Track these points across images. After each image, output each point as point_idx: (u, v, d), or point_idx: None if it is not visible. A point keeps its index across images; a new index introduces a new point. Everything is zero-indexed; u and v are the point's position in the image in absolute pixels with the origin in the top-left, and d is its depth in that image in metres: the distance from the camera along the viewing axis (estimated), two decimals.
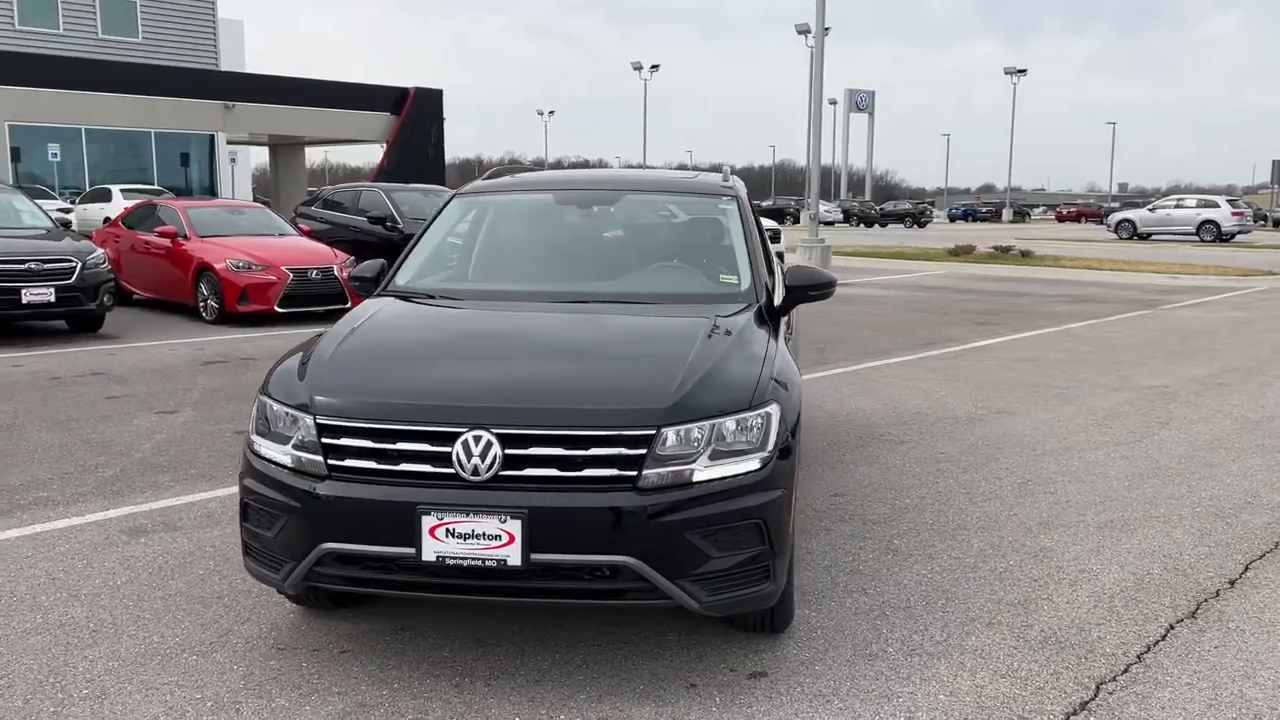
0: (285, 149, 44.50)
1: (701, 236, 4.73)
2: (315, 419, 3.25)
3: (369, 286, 4.49)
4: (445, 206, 5.00)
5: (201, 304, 12.91)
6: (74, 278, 10.94)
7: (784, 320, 4.78)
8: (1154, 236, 41.80)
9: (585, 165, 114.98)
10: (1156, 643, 3.76)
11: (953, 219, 78.10)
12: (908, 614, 4.00)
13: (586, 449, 3.12)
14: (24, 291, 10.58)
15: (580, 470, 3.12)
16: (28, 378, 8.90)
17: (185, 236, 13.34)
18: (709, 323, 3.80)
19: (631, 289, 4.29)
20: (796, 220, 60.14)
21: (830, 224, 61.85)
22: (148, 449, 6.43)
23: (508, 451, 3.11)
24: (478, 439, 3.11)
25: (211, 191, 34.47)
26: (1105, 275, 21.93)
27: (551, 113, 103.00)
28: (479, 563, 3.07)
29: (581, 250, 4.72)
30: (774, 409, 3.37)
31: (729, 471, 3.22)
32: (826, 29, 22.81)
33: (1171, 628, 3.89)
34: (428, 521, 3.07)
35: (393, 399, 3.25)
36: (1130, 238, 42.03)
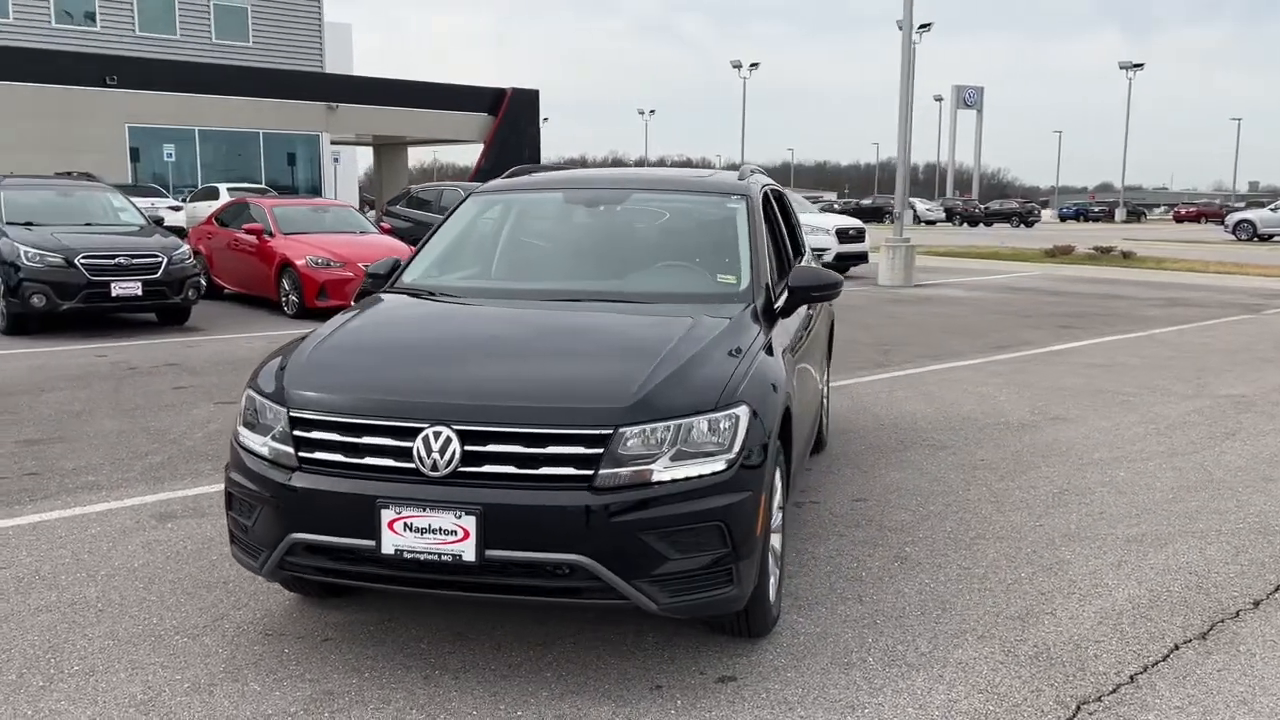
0: (388, 149, 45.65)
1: (705, 236, 4.70)
2: (289, 412, 3.34)
3: (379, 283, 4.59)
4: (461, 204, 5.08)
5: (283, 299, 13.36)
6: (160, 272, 11.43)
7: (800, 319, 4.73)
8: (1276, 238, 39.78)
9: (688, 164, 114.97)
10: (1156, 663, 3.59)
11: (1063, 218, 75.69)
12: (899, 624, 3.90)
13: (544, 447, 3.13)
14: (113, 285, 11.11)
15: (537, 469, 3.13)
16: (108, 367, 9.34)
17: (270, 234, 13.82)
18: (692, 322, 3.78)
19: (627, 288, 4.29)
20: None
21: (932, 223, 60.59)
22: (199, 438, 6.69)
23: (467, 448, 3.14)
24: (438, 435, 3.15)
25: (315, 190, 35.57)
26: (1209, 278, 20.97)
27: (652, 112, 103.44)
28: (435, 557, 3.11)
29: (583, 249, 4.74)
30: (743, 411, 3.33)
31: (690, 473, 3.19)
32: (926, 25, 22.32)
33: (1176, 648, 3.71)
34: (387, 515, 3.13)
35: (359, 394, 3.32)
36: (1250, 239, 40.09)
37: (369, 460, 3.22)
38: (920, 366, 9.88)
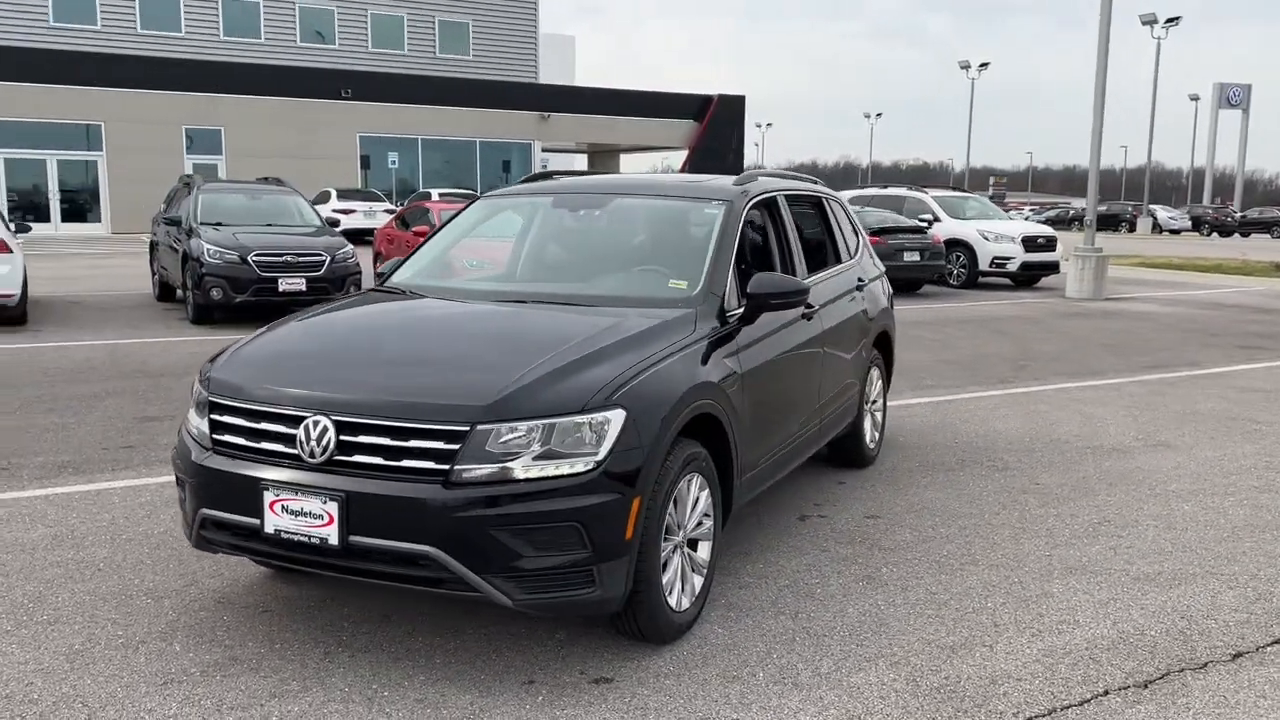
0: (602, 156, 47.11)
1: (678, 241, 4.68)
2: (209, 396, 3.65)
3: (378, 280, 4.88)
4: (468, 207, 5.29)
5: None
6: (323, 270, 12.39)
7: (785, 330, 4.64)
8: None
9: (925, 169, 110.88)
10: (1065, 708, 3.31)
11: None
12: (816, 643, 3.78)
13: (407, 441, 3.28)
14: (280, 280, 12.14)
15: (400, 461, 3.28)
16: None
17: None
18: (610, 325, 3.81)
19: (579, 291, 4.36)
20: (1132, 228, 55.11)
21: (1176, 233, 56.05)
22: None
23: (341, 438, 3.34)
24: (317, 424, 3.36)
25: None
26: None
27: (879, 115, 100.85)
28: (306, 539, 3.32)
29: (553, 252, 4.83)
30: (616, 415, 3.35)
31: (548, 473, 3.25)
32: (1174, 19, 20.71)
33: (1105, 694, 3.41)
34: (268, 497, 3.37)
35: (260, 383, 3.58)
36: None
37: (263, 445, 3.47)
38: (1047, 384, 9.29)
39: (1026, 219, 32.41)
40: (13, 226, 13.31)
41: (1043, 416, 7.82)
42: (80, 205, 32.49)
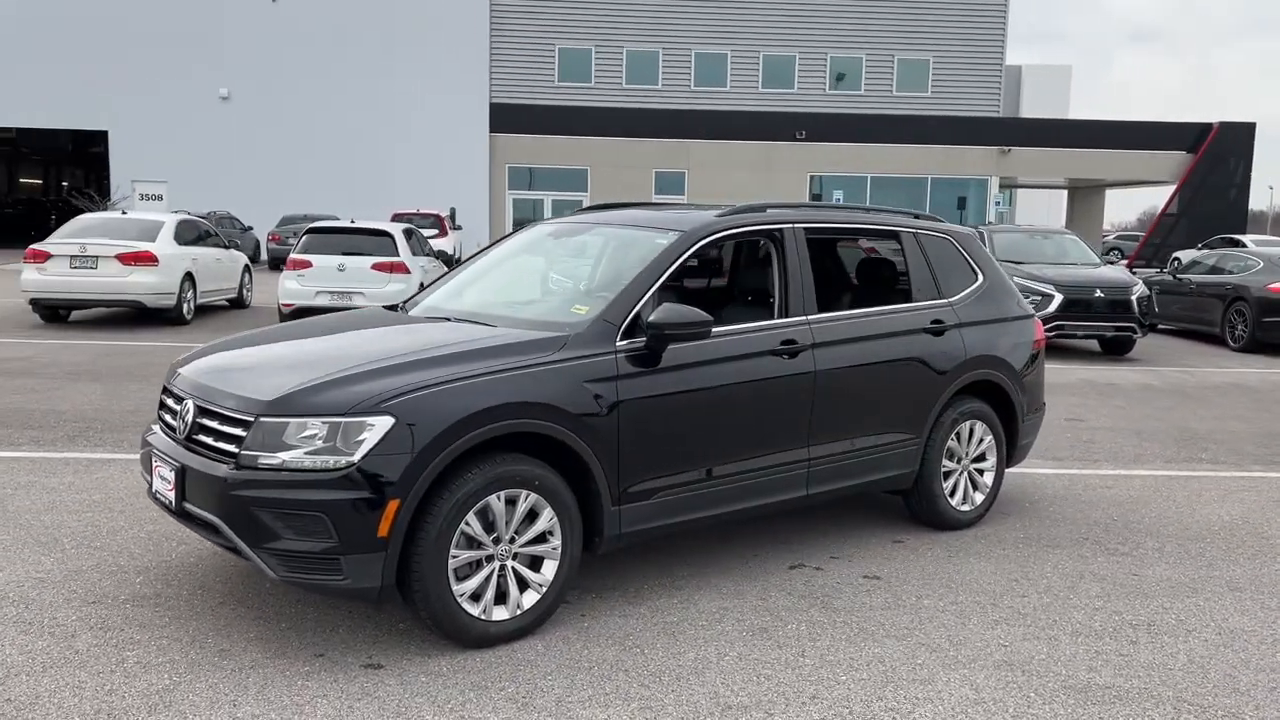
0: (1082, 191, 43.67)
1: (613, 269, 4.68)
2: (164, 382, 4.52)
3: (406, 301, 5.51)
4: (514, 233, 5.70)
5: None
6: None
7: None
8: None
9: None
10: None
11: None
12: (609, 674, 3.70)
13: (224, 426, 3.86)
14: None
15: (218, 443, 3.87)
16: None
17: None
18: (464, 340, 4.14)
19: (496, 311, 4.66)
20: None
21: None
22: None
23: (197, 420, 4.00)
24: (187, 407, 4.06)
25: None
26: None
27: None
28: (164, 500, 4.03)
29: (504, 276, 5.08)
30: (383, 420, 3.65)
31: (307, 464, 3.64)
32: None
33: None
34: (154, 462, 4.13)
35: (186, 375, 4.31)
36: None
37: (165, 419, 4.26)
38: None
39: None
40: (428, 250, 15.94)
41: (1250, 504, 6.33)
42: None
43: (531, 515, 3.99)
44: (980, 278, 5.82)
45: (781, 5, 37.11)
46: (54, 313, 14.09)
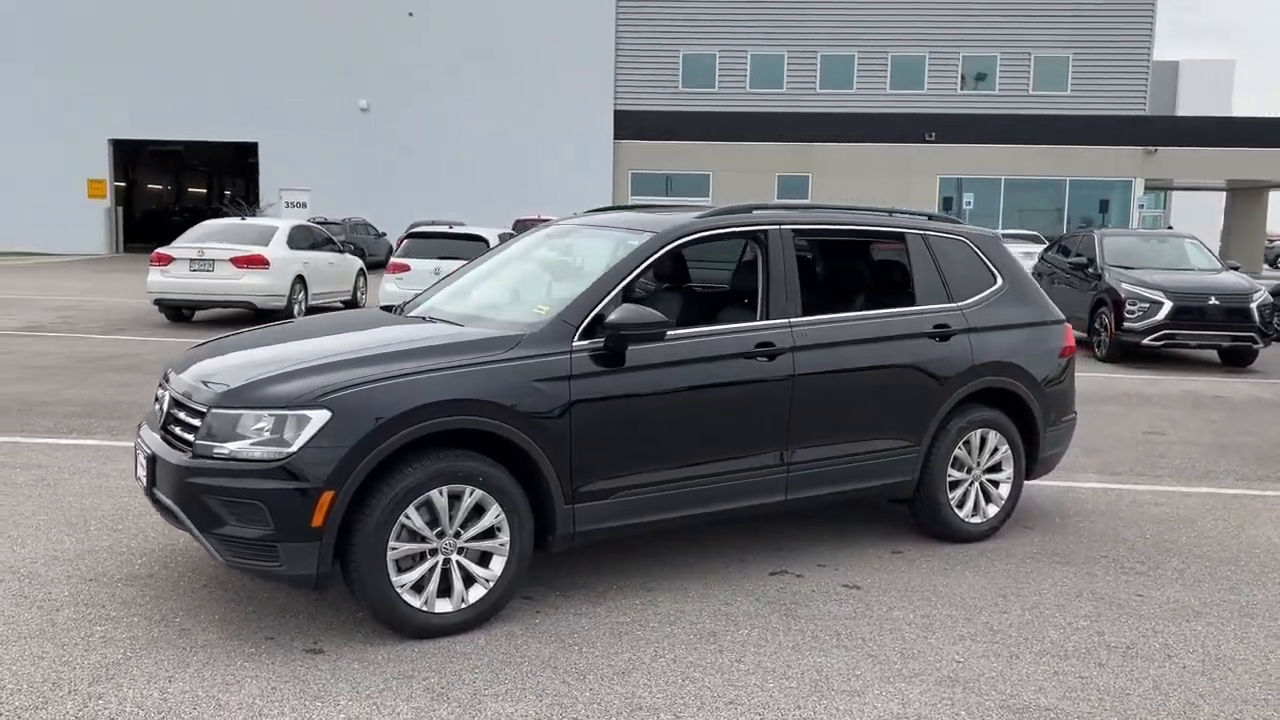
0: (1244, 193, 41.01)
1: (587, 269, 4.69)
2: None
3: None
4: (520, 235, 5.78)
5: None
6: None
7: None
8: None
9: None
10: None
11: None
12: (538, 670, 3.74)
13: (189, 417, 4.07)
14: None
15: (182, 433, 4.08)
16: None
17: None
18: (419, 339, 4.25)
19: (469, 312, 4.73)
20: None
21: None
22: None
23: (170, 411, 4.23)
24: (165, 398, 4.30)
25: None
26: None
27: None
28: (141, 483, 4.28)
29: (498, 278, 5.13)
30: (319, 415, 3.79)
31: (246, 454, 3.81)
32: None
33: None
34: (139, 447, 4.39)
35: (170, 367, 4.57)
36: None
37: (153, 408, 4.52)
38: None
39: None
40: None
41: None
42: None
43: (478, 511, 4.06)
44: (999, 281, 5.58)
45: (910, 4, 36.22)
46: (177, 313, 15.02)
